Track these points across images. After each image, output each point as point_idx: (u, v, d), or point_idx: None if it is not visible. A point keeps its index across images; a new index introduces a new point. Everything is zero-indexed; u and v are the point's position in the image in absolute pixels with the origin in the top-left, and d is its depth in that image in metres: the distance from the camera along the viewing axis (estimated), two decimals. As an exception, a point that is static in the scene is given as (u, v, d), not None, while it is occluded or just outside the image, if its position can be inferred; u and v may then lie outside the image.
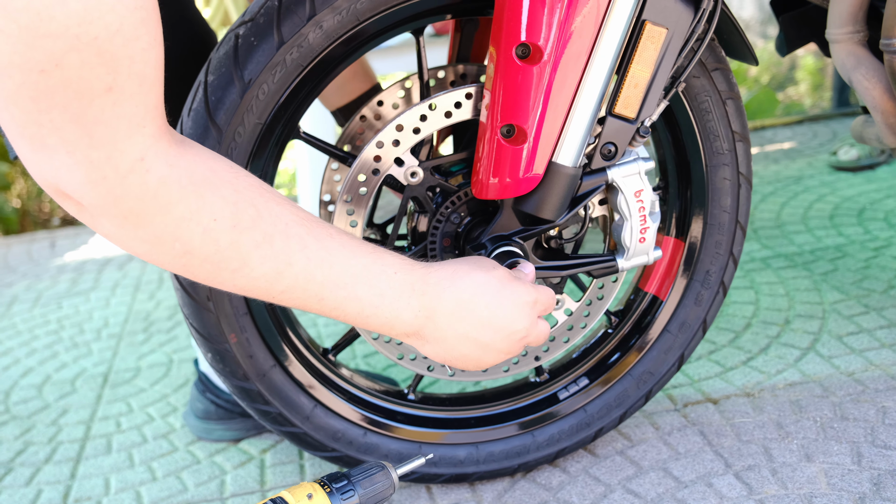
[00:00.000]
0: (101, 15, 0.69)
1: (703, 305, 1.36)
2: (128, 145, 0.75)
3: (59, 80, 0.69)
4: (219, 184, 0.82)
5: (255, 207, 0.85)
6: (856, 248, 2.13)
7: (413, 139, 1.14)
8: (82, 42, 0.69)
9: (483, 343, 0.99)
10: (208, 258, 0.83)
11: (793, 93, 4.83)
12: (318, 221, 0.91)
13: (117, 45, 0.71)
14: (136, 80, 0.74)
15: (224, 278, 0.86)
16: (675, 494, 1.30)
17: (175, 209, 0.79)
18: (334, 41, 1.08)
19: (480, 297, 0.96)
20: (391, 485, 1.01)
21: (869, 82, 1.41)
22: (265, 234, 0.85)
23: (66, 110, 0.71)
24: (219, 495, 1.44)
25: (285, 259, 0.86)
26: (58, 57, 0.68)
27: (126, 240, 0.81)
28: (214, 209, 0.81)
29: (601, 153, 1.12)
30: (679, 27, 1.07)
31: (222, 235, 0.82)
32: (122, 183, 0.76)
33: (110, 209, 0.77)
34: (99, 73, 0.71)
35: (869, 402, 1.49)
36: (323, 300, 0.90)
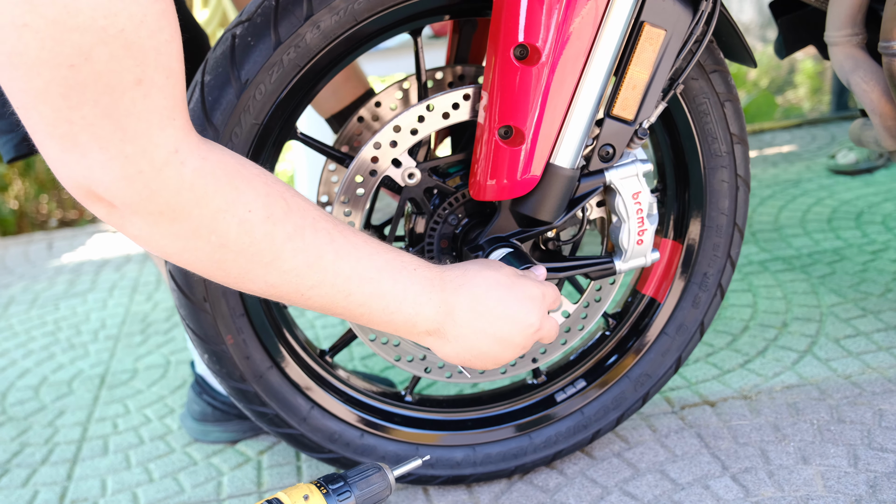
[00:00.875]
0: (125, 6, 0.69)
1: (700, 308, 1.36)
2: (161, 138, 0.74)
3: (88, 74, 0.69)
4: (250, 176, 0.83)
5: (285, 200, 0.85)
6: (853, 252, 2.13)
7: (411, 140, 1.13)
8: (109, 34, 0.69)
9: (500, 337, 0.99)
10: (243, 251, 0.83)
11: (792, 96, 4.84)
12: (339, 220, 0.92)
13: (143, 37, 0.71)
14: (164, 71, 0.74)
15: (257, 274, 0.85)
16: (672, 496, 1.30)
17: (212, 201, 0.79)
18: (332, 41, 1.08)
19: (493, 292, 0.98)
20: (388, 486, 1.01)
21: (867, 85, 1.41)
22: (296, 226, 0.85)
23: (98, 105, 0.70)
24: (216, 497, 1.44)
25: (315, 252, 0.86)
26: (86, 50, 0.68)
27: (159, 238, 0.80)
28: (248, 200, 0.81)
29: (599, 155, 1.12)
30: (678, 29, 1.07)
31: (257, 227, 0.82)
32: (158, 176, 0.75)
33: (146, 205, 0.76)
34: (128, 65, 0.71)
35: (866, 404, 1.49)
36: (350, 295, 0.90)
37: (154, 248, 0.82)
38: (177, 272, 1.16)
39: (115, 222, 0.79)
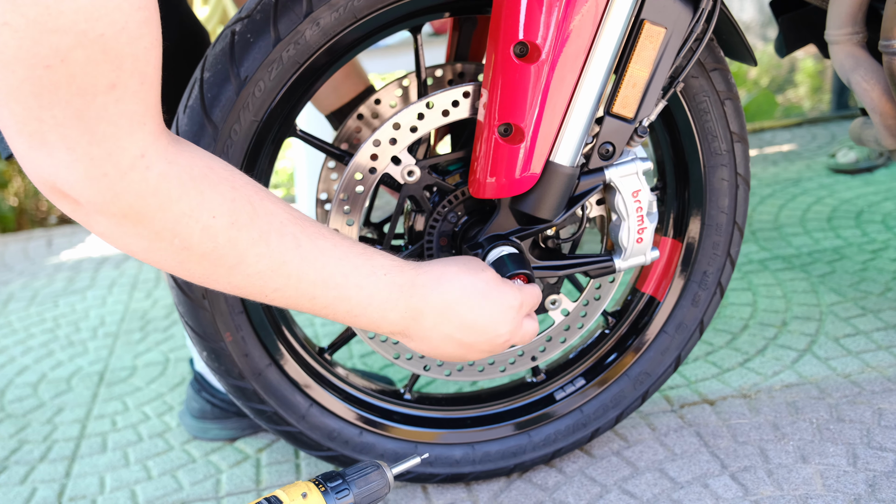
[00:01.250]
0: (108, 12, 0.69)
1: (700, 306, 1.35)
2: (129, 142, 0.75)
3: (63, 75, 0.69)
4: (217, 181, 0.83)
5: (252, 205, 0.85)
6: (853, 251, 2.13)
7: (410, 138, 1.13)
8: (89, 38, 0.69)
9: (466, 344, 1.01)
10: (206, 255, 0.83)
11: (792, 95, 4.83)
12: (310, 221, 0.91)
13: (122, 43, 0.71)
14: (139, 77, 0.74)
15: (219, 276, 0.86)
16: (671, 495, 1.30)
17: (175, 205, 0.79)
18: (331, 38, 1.07)
19: (465, 300, 0.98)
20: (386, 484, 1.01)
21: (868, 84, 1.40)
22: (261, 231, 0.85)
23: (69, 106, 0.71)
24: (214, 494, 1.44)
25: (280, 257, 0.87)
26: (64, 52, 0.68)
27: (123, 237, 0.81)
28: (213, 206, 0.82)
29: (599, 153, 1.12)
30: (678, 27, 1.06)
31: (221, 232, 0.83)
32: (122, 179, 0.76)
33: (109, 206, 0.77)
34: (103, 69, 0.71)
35: (865, 403, 1.49)
36: (315, 299, 0.91)
37: (118, 245, 0.83)
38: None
39: (80, 219, 0.80)
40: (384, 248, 1.21)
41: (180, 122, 1.11)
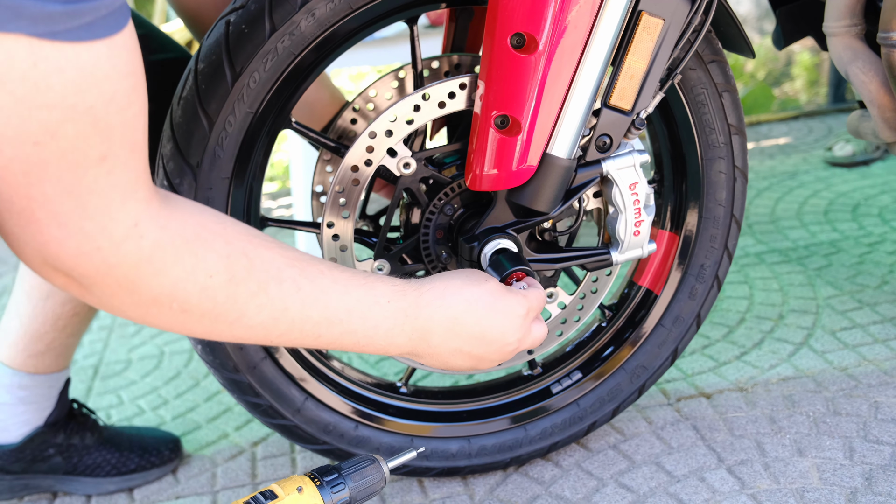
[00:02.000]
0: (96, 82, 0.67)
1: (697, 299, 1.35)
2: (121, 213, 0.73)
3: (53, 151, 0.67)
4: (210, 238, 0.81)
5: (248, 257, 0.84)
6: (850, 244, 2.13)
7: (406, 130, 1.12)
8: (78, 112, 0.67)
9: (476, 356, 1.00)
10: (206, 314, 0.82)
11: (789, 88, 4.83)
12: (309, 259, 0.90)
13: (111, 113, 0.69)
14: (129, 146, 0.72)
15: (222, 330, 0.85)
16: (668, 489, 1.30)
17: (171, 271, 0.78)
18: (327, 29, 1.07)
19: (472, 313, 0.97)
20: (382, 478, 1.00)
21: (866, 76, 1.40)
22: (259, 282, 0.84)
23: (60, 182, 0.69)
24: (209, 488, 1.43)
25: (281, 304, 0.86)
26: (53, 128, 0.66)
27: (119, 306, 0.79)
28: (209, 265, 0.80)
29: (596, 145, 1.11)
30: (676, 18, 1.06)
31: (219, 291, 0.81)
32: (117, 251, 0.74)
33: (104, 279, 0.75)
34: (94, 142, 0.69)
35: (862, 397, 1.48)
36: (320, 337, 0.91)
37: (114, 313, 0.81)
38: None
39: (73, 292, 0.78)
40: (379, 242, 1.20)
41: (175, 115, 1.10)
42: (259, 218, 1.22)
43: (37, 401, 1.39)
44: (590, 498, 1.30)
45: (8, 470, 1.40)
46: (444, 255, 1.21)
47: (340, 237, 1.16)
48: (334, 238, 1.16)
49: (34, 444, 1.40)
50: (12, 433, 1.39)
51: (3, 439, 1.39)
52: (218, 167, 1.10)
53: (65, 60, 0.65)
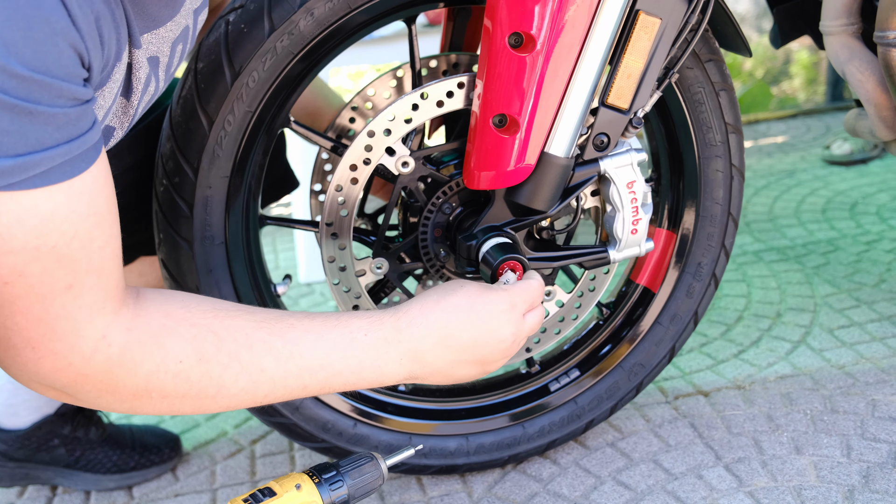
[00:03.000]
0: (57, 225, 0.72)
1: (694, 297, 1.35)
2: (89, 330, 0.79)
3: (22, 287, 0.73)
4: (174, 325, 0.85)
5: (214, 332, 0.87)
6: (848, 242, 2.13)
7: (405, 129, 1.13)
8: (42, 252, 0.72)
9: (478, 361, 0.99)
10: (186, 395, 0.86)
11: (787, 87, 4.83)
12: (278, 316, 0.92)
13: (74, 249, 0.75)
14: (95, 273, 0.77)
15: (207, 405, 0.89)
16: (666, 486, 1.30)
17: (142, 367, 0.83)
18: (326, 28, 1.07)
19: (455, 323, 0.97)
20: (380, 476, 1.01)
21: (862, 75, 1.40)
22: (230, 353, 0.87)
23: (30, 312, 0.75)
24: (208, 486, 1.44)
25: (256, 368, 0.88)
26: (20, 268, 0.72)
27: (107, 405, 0.85)
28: (177, 352, 0.84)
29: (594, 144, 1.12)
30: (673, 17, 1.06)
31: (191, 372, 0.85)
32: (88, 364, 0.79)
33: (83, 387, 0.82)
34: (59, 275, 0.74)
35: (859, 395, 1.49)
36: (307, 387, 0.92)
37: (108, 410, 0.88)
38: (169, 261, 1.15)
39: (68, 401, 0.85)
40: (378, 240, 1.20)
41: (174, 114, 1.10)
42: (258, 217, 1.22)
43: None
44: (588, 496, 1.31)
45: (11, 456, 1.41)
46: (442, 254, 1.21)
47: (339, 236, 1.17)
48: (333, 237, 1.17)
49: (41, 433, 1.41)
50: (22, 418, 1.40)
51: (11, 423, 1.40)
52: (217, 166, 1.10)
53: (24, 211, 0.70)
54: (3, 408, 1.40)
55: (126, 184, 0.86)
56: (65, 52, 0.69)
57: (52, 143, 0.70)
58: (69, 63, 0.70)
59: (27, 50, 0.66)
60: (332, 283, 1.20)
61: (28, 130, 0.68)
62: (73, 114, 0.71)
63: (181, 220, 1.12)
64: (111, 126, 0.93)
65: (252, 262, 1.20)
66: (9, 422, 1.40)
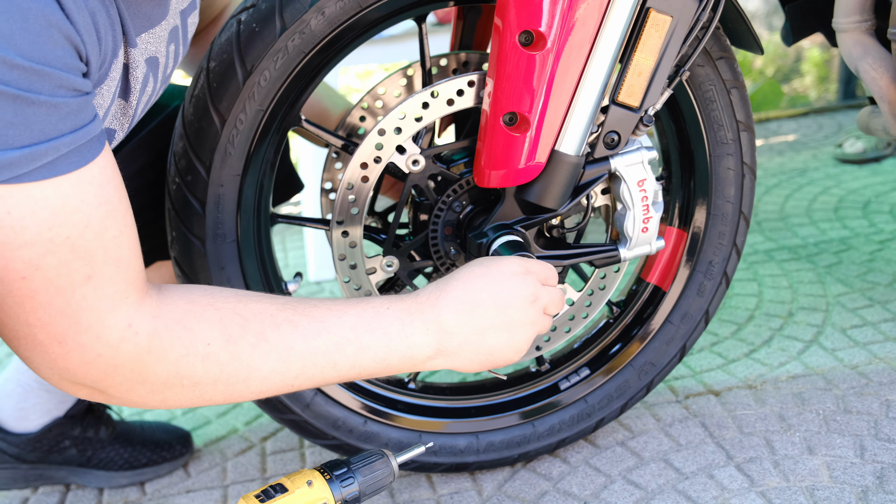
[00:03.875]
0: (68, 216, 0.73)
1: (705, 296, 1.35)
2: (114, 319, 0.79)
3: (40, 281, 0.74)
4: (200, 310, 0.86)
5: (239, 314, 0.87)
6: (860, 241, 2.12)
7: (415, 127, 1.13)
8: (56, 244, 0.73)
9: (504, 324, 0.97)
10: (217, 379, 0.86)
11: (798, 85, 4.81)
12: (300, 300, 0.93)
13: (89, 239, 0.75)
14: (113, 263, 0.78)
15: (240, 391, 0.89)
16: (676, 486, 1.30)
17: (171, 352, 0.83)
18: (336, 27, 1.07)
19: (472, 286, 0.97)
20: (391, 473, 1.01)
21: (876, 72, 1.40)
22: (257, 333, 0.87)
23: (51, 306, 0.75)
24: (220, 483, 1.44)
25: (284, 346, 0.89)
26: (36, 262, 0.73)
27: (139, 399, 0.85)
28: (205, 334, 0.85)
29: (604, 142, 1.12)
30: (684, 15, 1.06)
31: (221, 354, 0.85)
32: (116, 354, 0.80)
33: (114, 379, 0.81)
34: (76, 266, 0.75)
35: (873, 395, 1.48)
36: (336, 364, 0.92)
37: (138, 406, 0.87)
38: (182, 259, 1.15)
39: (98, 399, 0.85)
40: (388, 238, 1.21)
41: (186, 112, 1.11)
42: (269, 215, 1.23)
43: (61, 391, 1.41)
44: (598, 494, 1.30)
45: (24, 459, 1.42)
46: (452, 252, 1.21)
47: (349, 234, 1.17)
48: (343, 235, 1.17)
49: (52, 435, 1.41)
50: (32, 422, 1.41)
51: (22, 427, 1.41)
52: (229, 164, 1.10)
53: (34, 202, 0.71)
54: (14, 412, 1.41)
55: (136, 188, 0.87)
56: (60, 43, 0.70)
57: (56, 133, 0.71)
58: (65, 54, 0.71)
59: (24, 41, 0.67)
60: (343, 281, 1.20)
61: (32, 121, 0.69)
62: (75, 104, 0.72)
63: (193, 218, 1.12)
64: (111, 128, 0.93)
65: (263, 260, 1.21)
66: (19, 425, 1.41)
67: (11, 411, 1.41)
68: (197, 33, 1.34)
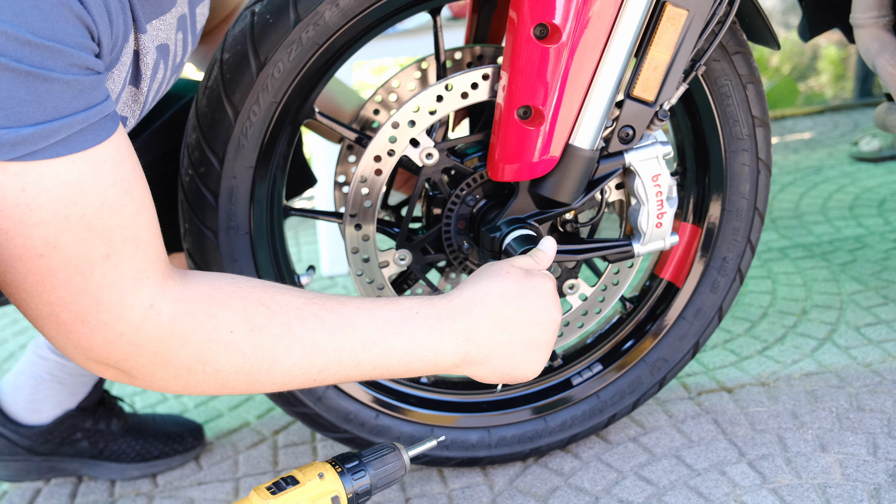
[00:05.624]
0: (84, 193, 0.73)
1: (719, 293, 1.34)
2: (135, 299, 0.79)
3: (59, 259, 0.74)
4: (224, 298, 0.85)
5: (264, 305, 0.87)
6: (875, 240, 2.11)
7: (429, 120, 1.13)
8: (72, 221, 0.73)
9: (532, 342, 0.97)
10: (240, 368, 0.86)
11: (814, 83, 4.78)
12: (327, 296, 0.92)
13: (105, 217, 0.75)
14: (131, 242, 0.78)
15: (262, 381, 0.88)
16: (688, 482, 1.30)
17: (193, 337, 0.82)
18: (351, 19, 1.07)
19: (509, 304, 0.96)
20: (402, 466, 1.01)
21: (894, 68, 1.38)
22: (282, 325, 0.87)
23: (72, 284, 0.75)
24: (231, 475, 1.45)
25: (309, 340, 0.88)
26: (53, 240, 0.73)
27: (161, 382, 0.85)
28: (228, 322, 0.84)
29: (619, 136, 1.11)
30: (700, 9, 1.05)
31: (244, 343, 0.85)
32: (139, 334, 0.80)
33: (136, 360, 0.81)
34: (94, 244, 0.75)
35: (886, 393, 1.47)
36: (360, 364, 0.91)
37: (161, 390, 0.86)
38: (195, 251, 1.16)
39: (123, 380, 0.84)
40: (401, 231, 1.21)
41: (199, 104, 1.11)
42: (282, 207, 1.23)
43: (72, 384, 1.41)
44: (609, 490, 1.30)
45: (36, 451, 1.42)
46: (465, 246, 1.21)
47: (363, 227, 1.17)
48: (357, 228, 1.17)
49: (63, 427, 1.42)
50: (43, 414, 1.41)
51: (33, 419, 1.42)
52: (242, 156, 1.11)
53: (49, 180, 0.71)
54: (26, 404, 1.41)
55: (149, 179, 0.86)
56: (72, 21, 0.70)
57: (70, 110, 0.71)
58: (77, 33, 0.71)
59: (36, 19, 0.67)
60: (356, 275, 1.21)
61: (44, 98, 0.69)
62: (88, 82, 0.72)
63: (206, 209, 1.12)
64: (123, 116, 0.93)
65: (276, 253, 1.21)
66: (31, 417, 1.42)
67: (23, 403, 1.42)
68: (210, 30, 1.34)
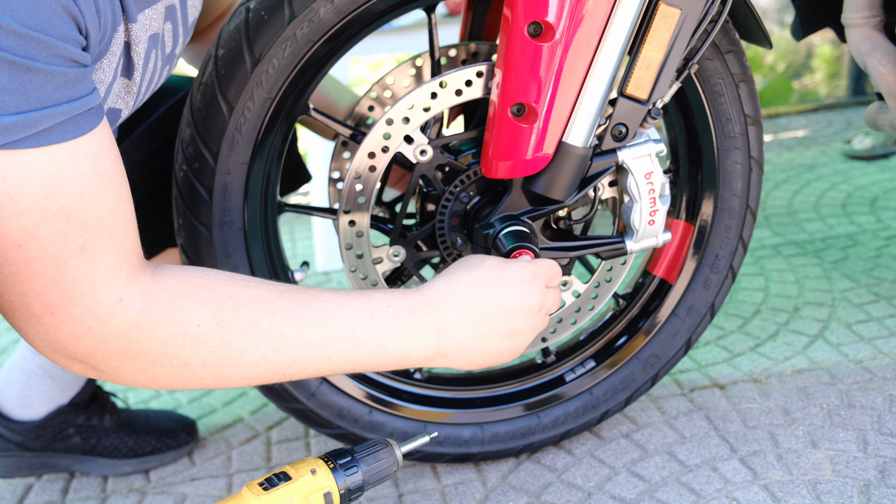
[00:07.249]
0: (63, 184, 0.73)
1: (711, 290, 1.35)
2: (105, 293, 0.79)
3: (35, 250, 0.74)
4: (192, 291, 0.85)
5: (233, 299, 0.87)
6: (867, 237, 2.12)
7: (423, 117, 1.13)
8: (51, 212, 0.73)
9: (507, 332, 0.98)
10: (207, 362, 0.86)
11: (808, 81, 4.79)
12: (298, 289, 0.92)
13: (84, 209, 0.75)
14: (107, 236, 0.78)
15: (230, 375, 0.88)
16: (680, 478, 1.30)
17: (160, 331, 0.83)
18: (345, 16, 1.07)
19: (481, 292, 0.96)
20: (395, 462, 1.01)
21: (884, 67, 1.39)
22: (249, 319, 0.87)
23: (45, 276, 0.75)
24: (224, 471, 1.45)
25: (277, 334, 0.88)
26: (31, 230, 0.73)
27: (128, 376, 0.85)
28: (195, 316, 0.84)
29: (612, 134, 1.12)
30: (693, 8, 1.05)
31: (210, 337, 0.85)
32: (106, 328, 0.80)
33: (103, 353, 0.81)
34: (71, 236, 0.75)
35: (876, 390, 1.48)
36: (331, 358, 0.91)
37: (129, 384, 0.86)
38: (188, 246, 1.16)
39: (91, 374, 0.84)
40: (395, 228, 1.21)
41: (194, 100, 1.11)
42: (276, 203, 1.23)
43: (65, 379, 1.41)
44: (602, 486, 1.31)
45: (27, 447, 1.42)
46: (459, 242, 1.22)
47: (357, 223, 1.17)
48: (350, 224, 1.17)
49: (55, 423, 1.42)
50: (35, 409, 1.41)
51: (26, 415, 1.42)
52: (236, 152, 1.11)
53: (29, 169, 0.71)
54: (17, 399, 1.41)
55: (143, 175, 0.87)
56: (58, 13, 0.70)
57: (53, 101, 0.71)
58: (63, 24, 0.71)
59: (21, 9, 0.68)
60: (350, 271, 1.21)
61: (28, 88, 0.69)
62: (72, 74, 0.72)
63: (200, 205, 1.13)
64: (117, 108, 0.93)
65: (270, 249, 1.21)
66: (23, 413, 1.42)
67: (15, 399, 1.41)
68: (205, 27, 1.34)
